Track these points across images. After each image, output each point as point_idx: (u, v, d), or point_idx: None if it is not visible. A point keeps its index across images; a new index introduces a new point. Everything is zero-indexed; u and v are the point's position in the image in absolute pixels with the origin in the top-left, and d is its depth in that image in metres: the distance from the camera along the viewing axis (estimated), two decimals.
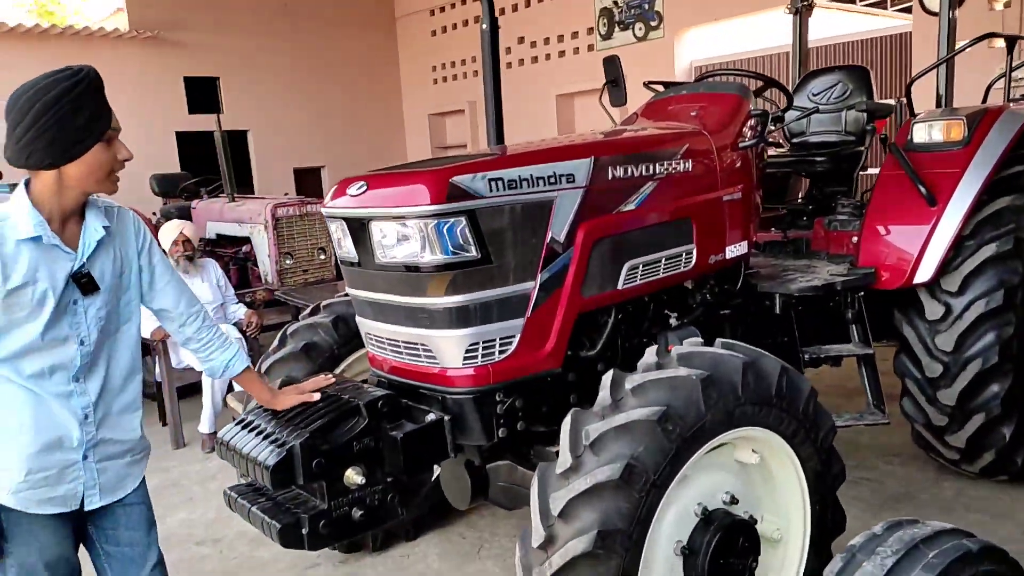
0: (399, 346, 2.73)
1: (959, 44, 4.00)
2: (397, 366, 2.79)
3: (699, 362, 2.29)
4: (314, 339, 3.35)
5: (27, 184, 1.96)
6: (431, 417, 2.59)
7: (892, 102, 4.54)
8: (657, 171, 3.03)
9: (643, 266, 2.98)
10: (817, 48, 8.69)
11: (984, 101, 4.72)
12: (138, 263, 2.17)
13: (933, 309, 3.68)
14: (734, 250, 3.38)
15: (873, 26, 11.24)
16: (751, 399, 2.32)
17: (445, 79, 13.83)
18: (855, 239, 4.15)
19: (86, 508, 2.09)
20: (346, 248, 2.76)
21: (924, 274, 3.62)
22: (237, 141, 12.02)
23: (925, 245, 3.62)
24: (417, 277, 2.54)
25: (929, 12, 4.84)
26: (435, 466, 2.95)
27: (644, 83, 4.23)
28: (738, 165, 3.41)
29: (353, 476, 2.42)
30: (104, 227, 2.04)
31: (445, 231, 2.46)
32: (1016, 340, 3.61)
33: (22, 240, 1.90)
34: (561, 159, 2.75)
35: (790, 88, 5.05)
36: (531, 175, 2.63)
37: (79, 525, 2.15)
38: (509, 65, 12.52)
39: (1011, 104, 3.89)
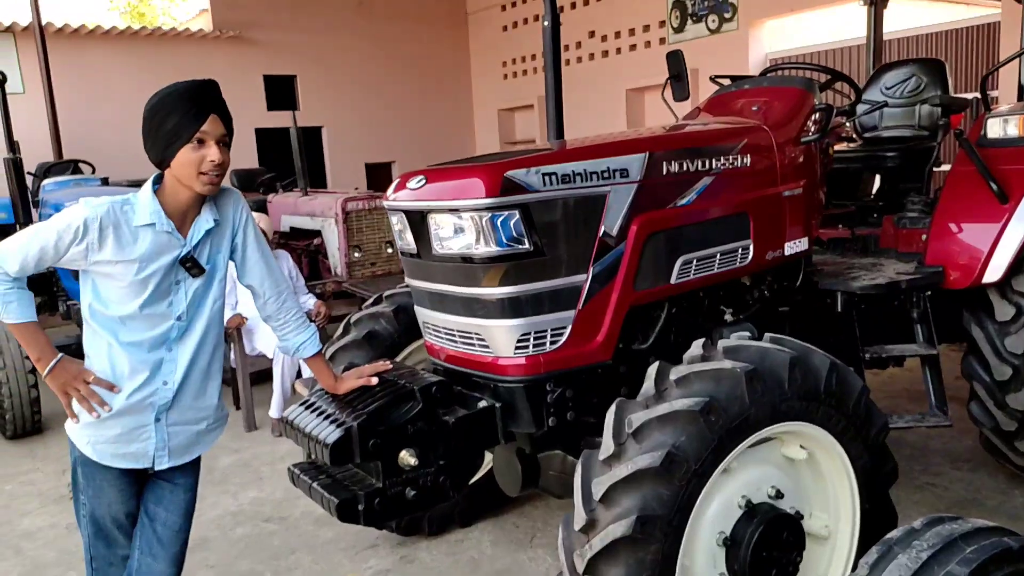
0: (454, 335, 2.83)
1: None
2: (453, 354, 2.88)
3: (745, 355, 2.31)
4: (376, 328, 3.48)
5: (157, 179, 2.24)
6: (483, 404, 2.68)
7: (970, 96, 4.41)
8: (714, 166, 3.04)
9: (697, 261, 3.00)
10: (896, 40, 8.42)
11: None
12: (233, 240, 2.37)
13: (1003, 310, 3.57)
14: (794, 246, 3.36)
15: (957, 16, 10.80)
16: (798, 394, 2.32)
17: (515, 74, 13.92)
18: (924, 237, 4.05)
19: (156, 468, 2.30)
20: (406, 240, 2.86)
21: (994, 273, 3.51)
22: (312, 137, 12.40)
23: (995, 243, 3.52)
24: (472, 268, 2.62)
25: (1019, 0, 4.66)
26: (487, 452, 3.03)
27: (710, 77, 4.22)
28: (800, 160, 3.38)
29: (407, 457, 2.53)
30: (215, 220, 2.29)
31: (499, 224, 2.54)
32: None
33: (139, 225, 2.16)
34: (615, 154, 2.79)
35: (862, 82, 4.95)
36: (584, 170, 2.68)
37: (144, 487, 2.35)
38: (580, 60, 12.54)
39: None
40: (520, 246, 2.57)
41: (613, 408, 2.34)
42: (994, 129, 3.71)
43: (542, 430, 2.74)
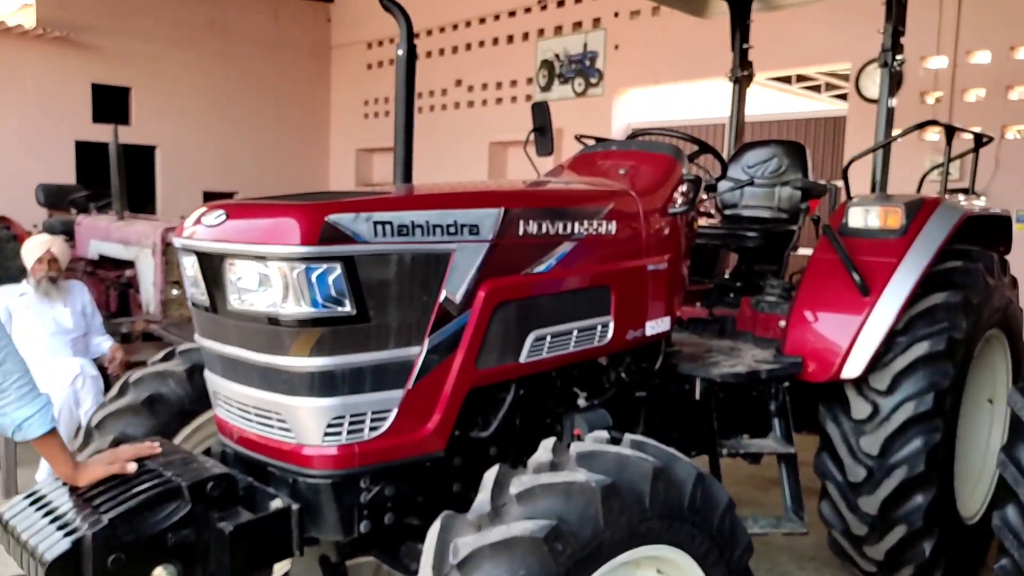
0: (249, 412, 2.26)
1: (895, 132, 3.85)
2: (247, 436, 2.30)
3: (602, 464, 1.89)
4: (162, 390, 2.82)
5: None
6: (276, 505, 2.11)
7: (826, 183, 4.37)
8: (577, 231, 2.68)
9: (551, 337, 2.60)
10: (753, 124, 8.68)
11: (918, 191, 4.60)
12: None
13: (860, 407, 3.41)
14: (656, 326, 3.05)
15: (809, 107, 11.46)
16: (660, 512, 1.93)
17: (376, 114, 13.44)
18: (782, 323, 3.89)
19: None
20: (199, 288, 2.28)
21: (853, 369, 3.35)
22: (143, 157, 11.30)
23: (855, 337, 3.36)
24: (276, 331, 2.08)
25: (866, 99, 4.75)
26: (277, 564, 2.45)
27: (576, 136, 3.93)
28: (666, 232, 3.10)
29: None
30: None
31: (315, 279, 2.03)
32: (943, 447, 3.36)
33: None
34: (465, 206, 2.37)
35: (725, 158, 4.85)
36: (427, 221, 2.23)
37: None
38: (444, 107, 12.27)
39: (947, 196, 3.73)
40: (339, 308, 2.07)
41: (437, 526, 1.86)
42: (856, 218, 3.61)
43: (351, 536, 2.20)
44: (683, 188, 3.21)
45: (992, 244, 4.00)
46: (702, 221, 4.76)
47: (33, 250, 4.76)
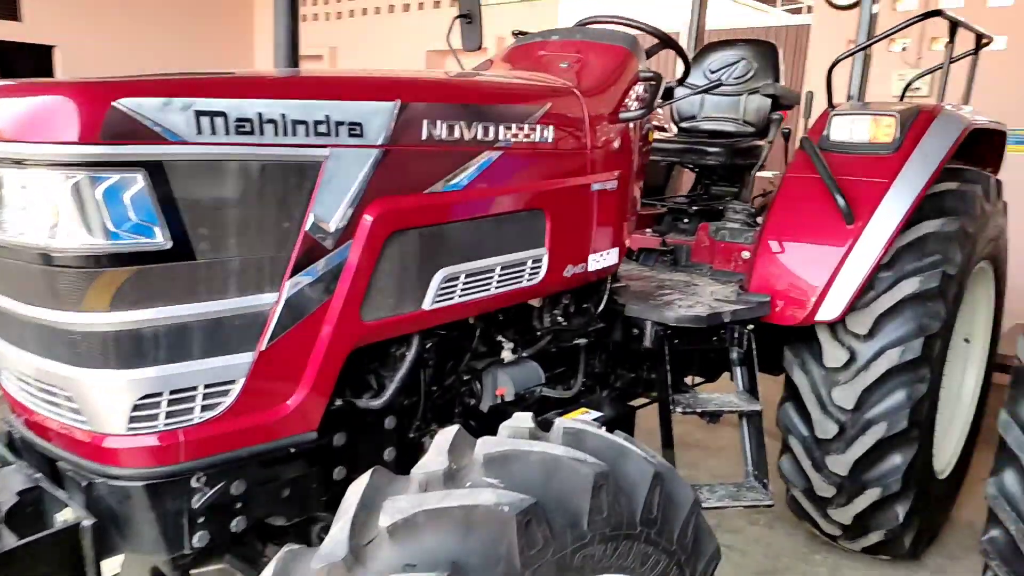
0: (31, 387, 1.61)
1: (883, 31, 3.25)
2: (34, 420, 1.66)
3: (521, 474, 1.31)
4: None
5: None
6: (63, 520, 1.49)
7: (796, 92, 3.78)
8: (501, 137, 2.04)
9: (466, 277, 1.99)
10: (710, 35, 8.00)
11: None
12: None
13: (834, 354, 2.92)
14: (600, 260, 2.46)
15: (771, 21, 10.79)
16: (602, 534, 1.37)
17: (305, 18, 12.26)
18: (746, 254, 3.35)
19: None
20: None
21: (831, 310, 2.83)
22: (40, 58, 10.08)
23: (835, 273, 2.84)
24: (51, 274, 1.42)
25: (835, 6, 4.13)
26: None
27: (513, 32, 3.23)
28: (617, 143, 2.48)
29: None
30: None
31: (101, 196, 1.36)
32: (927, 401, 2.90)
33: None
34: (344, 97, 1.70)
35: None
36: (283, 115, 1.56)
37: None
38: (378, 11, 11.22)
39: (947, 105, 3.17)
40: (146, 239, 1.41)
41: (277, 561, 1.26)
42: (839, 130, 3.04)
43: (181, 552, 1.60)
44: (639, 88, 2.58)
45: (981, 163, 3.49)
46: (655, 134, 4.15)
47: None
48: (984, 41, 3.52)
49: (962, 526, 3.64)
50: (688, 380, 3.26)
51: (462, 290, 1.99)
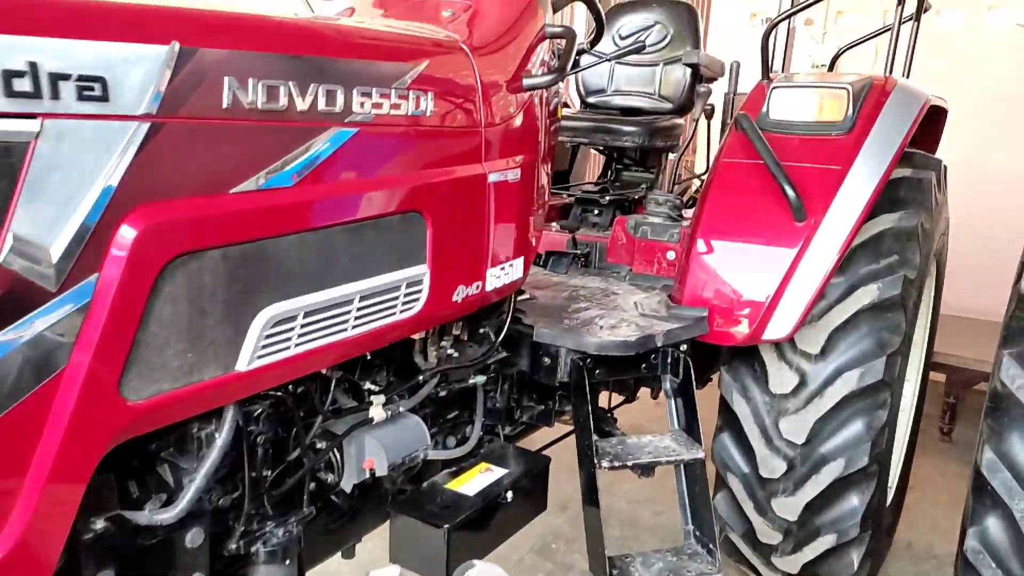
0: None
1: None
2: None
3: None
4: None
5: None
6: None
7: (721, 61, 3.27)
8: (355, 107, 1.38)
9: (306, 317, 1.33)
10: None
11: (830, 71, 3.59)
12: None
13: (781, 377, 2.42)
14: (502, 275, 1.84)
15: None
16: None
17: None
18: (671, 254, 2.81)
19: None
20: None
21: (781, 327, 2.32)
22: None
23: (785, 281, 2.32)
24: None
25: None
26: None
27: None
28: (519, 120, 1.87)
29: None
30: None
31: None
32: (888, 430, 2.45)
33: None
34: (68, 32, 0.99)
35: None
36: None
37: None
38: None
39: (898, 78, 2.71)
40: None
41: None
42: (780, 106, 2.52)
43: None
44: (546, 48, 1.97)
45: (921, 145, 3.07)
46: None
47: None
48: (925, 6, 3.09)
49: (901, 548, 3.28)
50: (604, 402, 2.73)
51: (300, 336, 1.33)
